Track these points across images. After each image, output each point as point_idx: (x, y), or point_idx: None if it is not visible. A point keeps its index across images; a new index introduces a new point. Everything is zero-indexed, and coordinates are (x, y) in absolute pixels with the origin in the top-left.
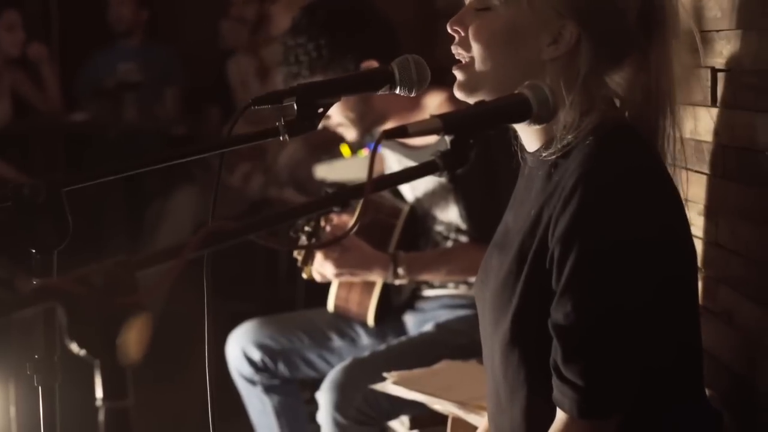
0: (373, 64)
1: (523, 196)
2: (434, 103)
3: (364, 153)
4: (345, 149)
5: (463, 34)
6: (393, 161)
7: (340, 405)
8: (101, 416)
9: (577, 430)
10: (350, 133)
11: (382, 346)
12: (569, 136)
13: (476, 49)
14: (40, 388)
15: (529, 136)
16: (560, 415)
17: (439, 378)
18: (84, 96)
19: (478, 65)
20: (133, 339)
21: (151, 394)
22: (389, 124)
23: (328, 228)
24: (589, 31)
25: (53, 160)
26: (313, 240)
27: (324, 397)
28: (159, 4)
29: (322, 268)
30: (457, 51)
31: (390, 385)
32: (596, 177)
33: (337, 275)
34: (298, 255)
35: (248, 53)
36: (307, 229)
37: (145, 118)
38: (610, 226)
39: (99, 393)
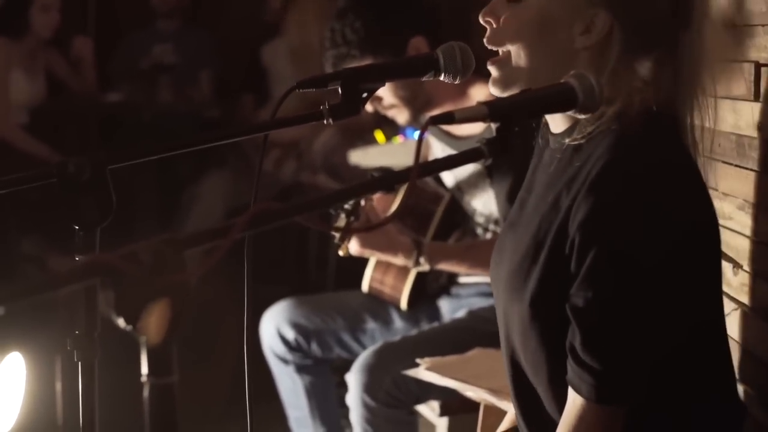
0: (422, 42)
1: (539, 177)
2: (483, 93)
3: (399, 140)
4: (379, 135)
5: (495, 25)
6: (438, 149)
7: (370, 387)
8: (146, 392)
9: (593, 413)
10: (402, 115)
11: (414, 331)
12: (595, 123)
13: (510, 40)
14: (79, 363)
15: (554, 117)
16: (575, 398)
17: (472, 365)
18: (119, 77)
19: (515, 59)
20: (156, 319)
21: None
22: (436, 110)
23: (367, 207)
24: (621, 19)
25: (87, 140)
26: (352, 219)
27: (354, 378)
28: None
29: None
30: (489, 43)
31: (423, 371)
32: (621, 166)
33: (360, 252)
34: (335, 231)
35: (283, 38)
36: (347, 207)
37: (179, 100)
38: (634, 215)
39: (144, 369)
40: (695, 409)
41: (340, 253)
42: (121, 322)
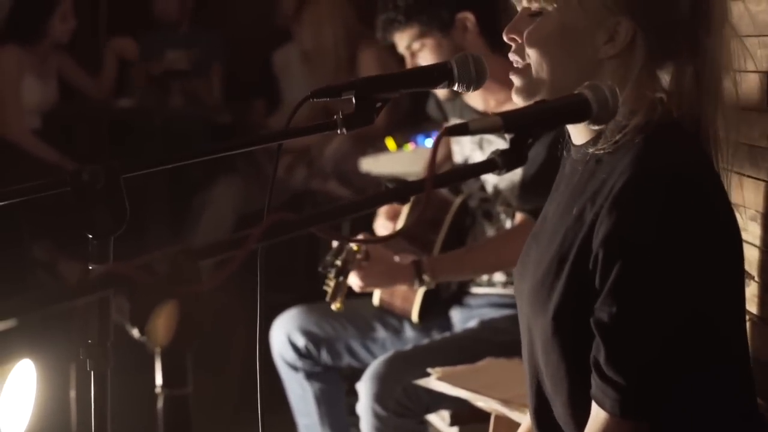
0: (470, 17)
1: (563, 189)
2: None
3: (410, 147)
4: (390, 143)
5: (519, 41)
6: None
7: (380, 396)
8: (160, 403)
9: (616, 428)
10: (442, 90)
11: (426, 340)
12: (619, 134)
13: (532, 53)
14: (92, 372)
15: (577, 128)
16: (598, 413)
17: (483, 375)
18: (131, 82)
19: (535, 70)
20: (163, 324)
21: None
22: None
23: (359, 256)
24: (643, 25)
25: (98, 145)
26: (341, 278)
27: (364, 387)
28: None
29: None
30: (514, 58)
31: (434, 381)
32: (645, 181)
33: (363, 288)
34: (326, 288)
35: (295, 43)
36: (337, 263)
37: (190, 105)
38: (658, 230)
39: (159, 380)
40: (718, 425)
41: (334, 308)
42: (135, 332)
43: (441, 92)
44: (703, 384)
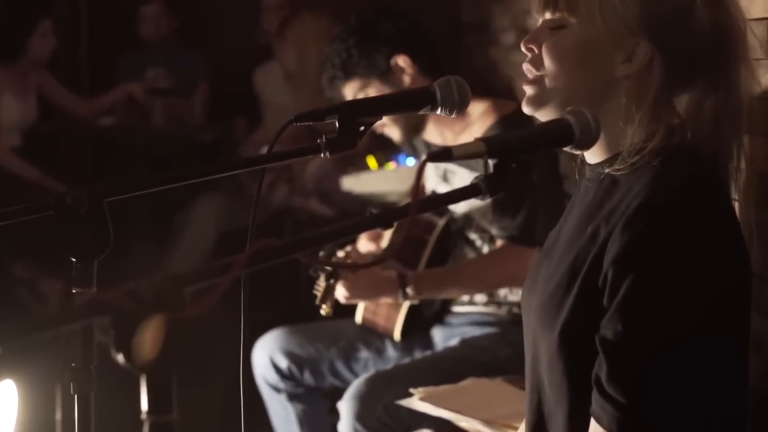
0: (405, 59)
1: (577, 208)
2: (477, 111)
3: (392, 166)
4: (372, 161)
5: (537, 51)
6: (429, 167)
7: (362, 415)
8: (145, 429)
9: None
10: (394, 133)
11: (407, 360)
12: (636, 156)
13: (549, 65)
14: (76, 396)
15: (593, 147)
16: (596, 430)
17: (466, 395)
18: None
19: (550, 81)
20: (149, 339)
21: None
22: (431, 127)
23: (348, 261)
24: (662, 49)
25: (79, 162)
26: (332, 281)
27: (345, 406)
28: (190, 11)
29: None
30: (528, 68)
31: (416, 401)
32: (661, 202)
33: (349, 299)
34: (316, 292)
35: (277, 61)
36: (327, 268)
37: (172, 123)
38: (670, 253)
39: (144, 406)
40: None
41: (323, 313)
42: (120, 358)
43: (395, 136)
44: (701, 408)
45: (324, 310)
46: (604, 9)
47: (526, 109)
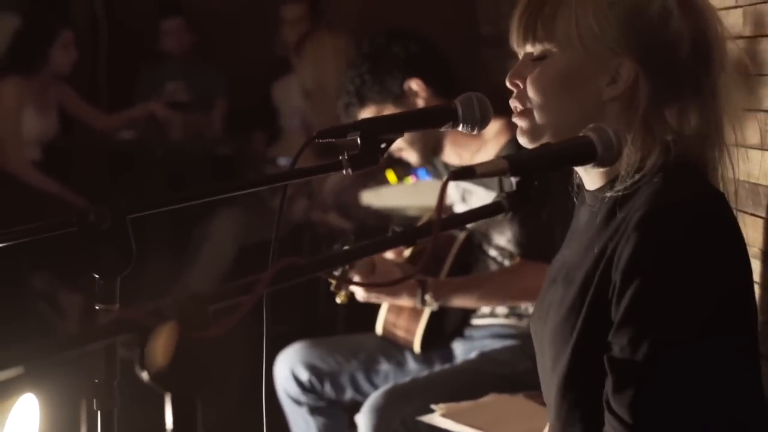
0: (418, 82)
1: (582, 234)
2: (492, 130)
3: (411, 180)
4: (391, 176)
5: (522, 86)
6: (449, 187)
7: (379, 428)
8: None
9: None
10: (412, 157)
11: (427, 372)
12: (636, 176)
13: (535, 98)
14: (99, 412)
15: (590, 174)
16: None
17: (488, 412)
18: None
19: (538, 114)
20: (160, 347)
21: None
22: (447, 149)
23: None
24: (645, 66)
25: (97, 176)
26: (347, 267)
27: (363, 419)
28: (209, 25)
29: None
30: (515, 104)
31: (438, 417)
32: (664, 209)
33: (366, 298)
34: (331, 279)
35: (295, 75)
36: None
37: (191, 137)
38: (672, 261)
39: (169, 424)
40: None
41: (338, 301)
42: (145, 376)
43: (413, 159)
44: (714, 425)
45: (339, 298)
46: (583, 34)
47: (523, 141)
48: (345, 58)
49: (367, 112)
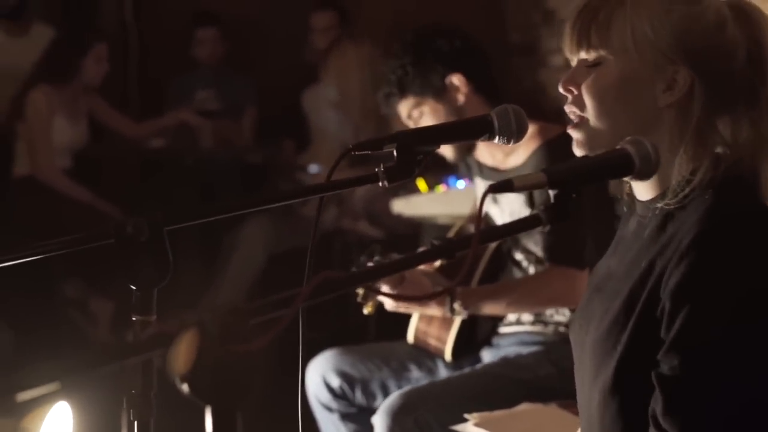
0: (460, 77)
1: (630, 244)
2: (529, 132)
3: (442, 188)
4: (422, 184)
5: (576, 92)
6: (480, 186)
7: (392, 428)
8: None
9: None
10: (448, 153)
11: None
12: (686, 189)
13: (590, 105)
14: (135, 422)
15: (641, 184)
16: None
17: (520, 421)
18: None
19: (594, 122)
20: (183, 352)
21: None
22: (481, 147)
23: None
24: (700, 72)
25: (128, 184)
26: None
27: (378, 420)
28: (240, 34)
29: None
30: (570, 110)
31: (471, 427)
32: (716, 233)
33: (395, 308)
34: (358, 290)
35: (324, 83)
36: (370, 264)
37: (221, 146)
38: (726, 285)
39: None
40: None
41: (365, 312)
42: (185, 388)
43: (449, 155)
44: None
45: (366, 309)
46: (638, 40)
47: (578, 152)
48: (368, 68)
49: (406, 104)
